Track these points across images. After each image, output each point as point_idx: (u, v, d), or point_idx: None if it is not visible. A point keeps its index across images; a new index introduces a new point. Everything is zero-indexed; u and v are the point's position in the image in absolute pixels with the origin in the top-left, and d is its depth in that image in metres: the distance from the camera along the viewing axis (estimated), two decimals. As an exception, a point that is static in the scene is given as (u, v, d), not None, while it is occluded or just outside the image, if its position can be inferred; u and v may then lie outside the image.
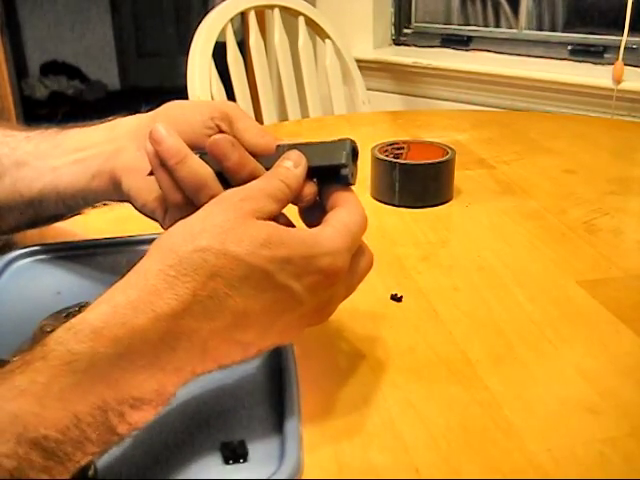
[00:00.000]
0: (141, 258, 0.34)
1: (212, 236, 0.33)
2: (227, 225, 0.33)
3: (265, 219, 0.35)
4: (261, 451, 0.35)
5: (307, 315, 0.36)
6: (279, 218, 0.37)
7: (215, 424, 0.38)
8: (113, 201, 0.50)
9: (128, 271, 0.34)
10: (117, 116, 0.51)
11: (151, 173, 0.42)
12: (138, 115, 0.50)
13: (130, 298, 0.32)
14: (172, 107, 0.48)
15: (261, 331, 0.35)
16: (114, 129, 0.50)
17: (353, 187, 0.41)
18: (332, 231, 0.36)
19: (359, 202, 0.40)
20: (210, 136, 0.41)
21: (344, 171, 0.41)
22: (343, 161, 0.40)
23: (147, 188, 0.44)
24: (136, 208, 0.46)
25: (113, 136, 0.49)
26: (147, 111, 0.49)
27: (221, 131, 0.44)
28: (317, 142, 0.43)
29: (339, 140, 0.42)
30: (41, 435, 0.28)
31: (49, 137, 0.52)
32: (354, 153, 0.42)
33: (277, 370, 0.42)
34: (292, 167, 0.38)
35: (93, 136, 0.50)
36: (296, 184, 0.38)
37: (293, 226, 0.38)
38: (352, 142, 0.42)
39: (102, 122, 0.51)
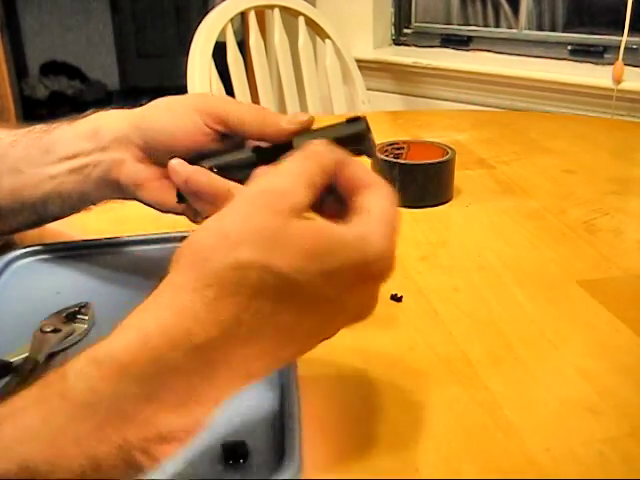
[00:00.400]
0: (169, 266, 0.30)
1: (253, 248, 0.29)
2: (268, 233, 0.29)
3: (305, 213, 0.31)
4: (261, 451, 0.35)
5: (350, 320, 0.33)
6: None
7: (215, 424, 0.38)
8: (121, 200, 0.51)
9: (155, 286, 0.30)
10: (95, 110, 0.50)
11: (179, 196, 0.44)
12: (119, 116, 0.48)
13: (163, 326, 0.28)
14: (160, 115, 0.47)
15: (305, 344, 0.32)
16: (97, 135, 0.48)
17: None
18: (378, 227, 0.31)
19: (384, 183, 0.34)
20: (209, 138, 0.43)
21: (367, 140, 0.40)
22: (364, 128, 0.41)
23: (169, 198, 0.46)
24: (160, 211, 0.48)
25: (102, 144, 0.48)
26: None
27: (217, 133, 0.45)
28: (330, 125, 0.42)
29: (350, 119, 0.42)
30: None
31: (35, 141, 0.50)
32: (368, 127, 0.42)
33: (277, 370, 0.42)
34: (322, 147, 0.34)
35: (80, 143, 0.49)
36: (332, 165, 0.33)
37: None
38: (364, 118, 0.42)
39: (78, 119, 0.50)
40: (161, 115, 0.47)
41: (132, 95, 3.94)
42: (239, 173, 0.41)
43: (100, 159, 0.48)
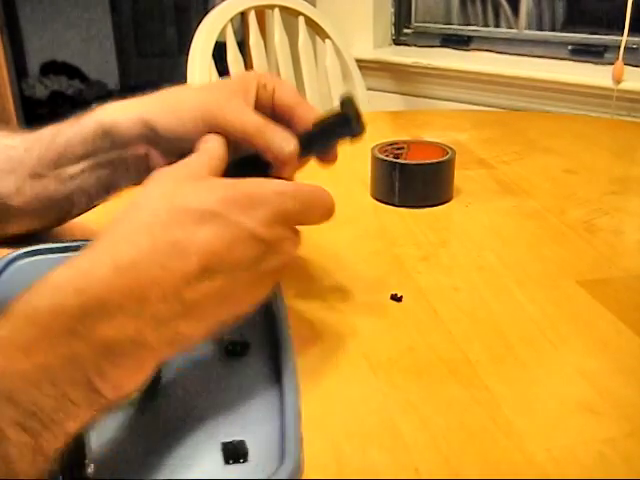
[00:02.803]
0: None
1: (158, 200, 0.35)
2: (169, 189, 0.36)
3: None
4: (261, 451, 0.35)
5: (272, 252, 0.37)
6: None
7: (215, 424, 0.38)
8: None
9: None
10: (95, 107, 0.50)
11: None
12: (128, 113, 0.48)
13: (89, 255, 0.32)
14: (167, 116, 0.47)
15: (231, 273, 0.35)
16: (110, 134, 0.48)
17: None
18: (282, 182, 0.39)
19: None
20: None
21: (353, 123, 0.45)
22: (347, 115, 0.45)
23: None
24: None
25: (121, 142, 0.48)
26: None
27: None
28: (321, 119, 0.47)
29: (340, 102, 0.46)
30: (8, 388, 0.27)
31: (47, 145, 0.51)
32: (352, 104, 0.46)
33: (277, 370, 0.42)
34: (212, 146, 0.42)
35: (95, 141, 0.49)
36: (221, 156, 0.41)
37: None
38: (347, 97, 0.46)
39: (85, 114, 0.50)
40: (170, 118, 0.47)
41: (132, 95, 3.94)
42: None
43: (116, 157, 0.49)
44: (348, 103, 0.46)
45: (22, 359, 0.28)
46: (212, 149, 0.42)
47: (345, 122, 0.46)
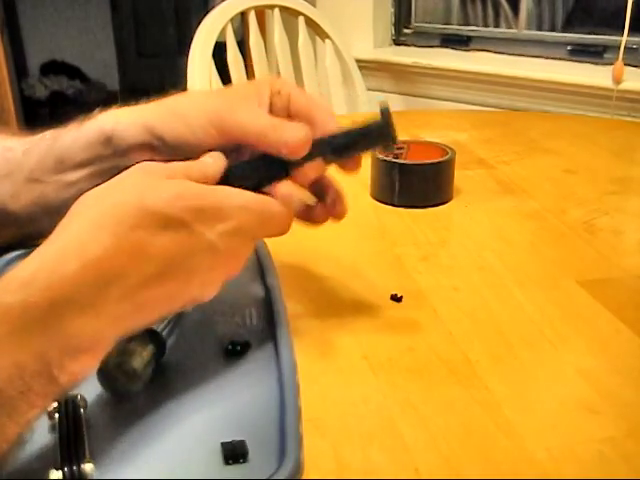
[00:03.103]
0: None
1: (130, 192, 0.36)
2: (143, 183, 0.36)
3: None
4: (261, 451, 0.35)
5: (223, 263, 0.38)
6: None
7: (215, 424, 0.38)
8: None
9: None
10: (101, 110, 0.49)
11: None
12: (131, 120, 0.47)
13: (56, 249, 0.33)
14: (174, 122, 0.45)
15: (184, 279, 0.36)
16: (112, 141, 0.47)
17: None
18: (247, 195, 0.39)
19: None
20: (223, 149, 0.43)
21: (389, 135, 0.44)
22: (385, 125, 0.44)
23: None
24: None
25: (121, 149, 0.47)
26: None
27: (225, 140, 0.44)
28: (359, 125, 0.45)
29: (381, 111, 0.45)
30: None
31: (47, 149, 0.50)
32: (390, 114, 0.45)
33: (277, 370, 0.42)
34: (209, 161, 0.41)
35: (95, 148, 0.48)
36: (208, 175, 0.40)
37: None
38: (386, 106, 0.45)
39: (88, 119, 0.49)
40: (176, 125, 0.45)
41: (132, 95, 3.94)
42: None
43: (117, 164, 0.47)
44: (386, 113, 0.44)
45: None
46: (203, 162, 0.41)
47: (383, 131, 0.44)
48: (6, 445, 0.29)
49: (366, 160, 0.74)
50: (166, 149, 0.46)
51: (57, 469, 0.33)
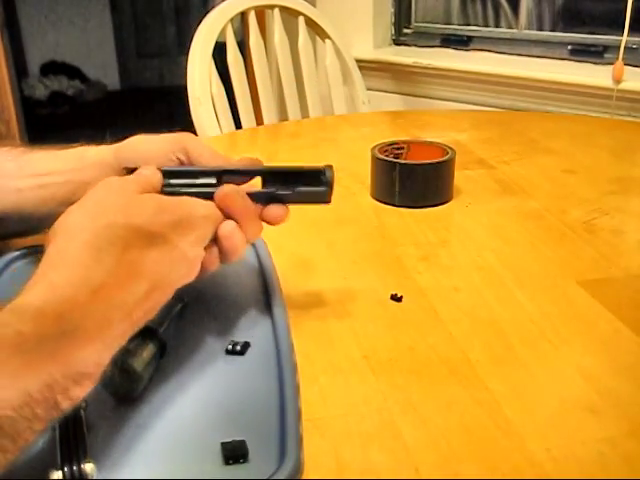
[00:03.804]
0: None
1: (115, 212, 0.38)
2: (123, 202, 0.39)
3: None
4: (261, 451, 0.35)
5: (191, 270, 0.40)
6: None
7: (215, 424, 0.38)
8: None
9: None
10: (84, 144, 0.54)
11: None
12: (102, 147, 0.53)
13: (64, 275, 0.34)
14: (137, 142, 0.51)
15: (166, 290, 0.38)
16: (81, 160, 0.52)
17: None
18: (208, 206, 0.42)
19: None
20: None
21: (326, 176, 0.45)
22: (322, 166, 0.46)
23: None
24: None
25: (80, 166, 0.51)
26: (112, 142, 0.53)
27: (180, 161, 0.49)
28: (295, 166, 0.47)
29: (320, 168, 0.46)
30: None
31: (15, 157, 0.53)
32: (333, 175, 0.46)
33: (277, 370, 0.42)
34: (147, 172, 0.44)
35: (58, 163, 0.52)
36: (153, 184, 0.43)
37: None
38: (330, 167, 0.46)
39: (68, 147, 0.53)
40: (137, 143, 0.51)
41: (132, 95, 3.94)
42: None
43: (72, 179, 0.51)
44: (330, 172, 0.46)
45: (11, 387, 0.29)
46: (145, 175, 0.44)
47: (322, 195, 0.46)
48: (3, 464, 0.30)
49: (366, 160, 0.74)
50: (120, 171, 0.49)
51: (57, 469, 0.33)
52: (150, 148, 0.50)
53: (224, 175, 0.46)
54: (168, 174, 0.44)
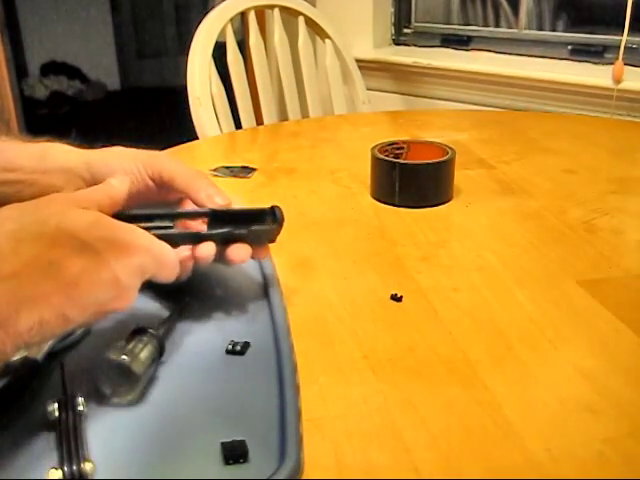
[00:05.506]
0: None
1: (50, 214, 0.38)
2: (62, 209, 0.39)
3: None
4: (261, 451, 0.35)
5: (121, 296, 0.39)
6: None
7: (215, 424, 0.38)
8: None
9: None
10: (49, 140, 0.53)
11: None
12: (70, 150, 0.52)
13: None
14: (109, 156, 0.51)
15: (86, 305, 0.37)
16: (44, 159, 0.51)
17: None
18: (149, 238, 0.42)
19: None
20: (147, 188, 0.50)
21: (276, 215, 0.48)
22: (270, 207, 0.48)
23: None
24: None
25: (45, 168, 0.51)
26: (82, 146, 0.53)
27: (153, 181, 0.50)
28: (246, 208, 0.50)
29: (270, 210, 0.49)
30: None
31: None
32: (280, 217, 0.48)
33: (277, 369, 0.42)
34: (115, 184, 0.45)
35: (22, 160, 0.51)
36: (115, 197, 0.44)
37: None
38: (279, 208, 0.49)
39: (32, 141, 0.53)
40: (111, 158, 0.51)
41: (132, 95, 3.94)
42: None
43: (38, 180, 0.50)
44: (280, 212, 0.49)
45: None
46: (110, 187, 0.45)
47: (270, 234, 0.48)
48: None
49: (366, 160, 0.74)
50: (94, 177, 0.50)
51: (57, 469, 0.33)
52: (122, 165, 0.50)
53: (178, 218, 0.48)
54: (125, 218, 0.44)
